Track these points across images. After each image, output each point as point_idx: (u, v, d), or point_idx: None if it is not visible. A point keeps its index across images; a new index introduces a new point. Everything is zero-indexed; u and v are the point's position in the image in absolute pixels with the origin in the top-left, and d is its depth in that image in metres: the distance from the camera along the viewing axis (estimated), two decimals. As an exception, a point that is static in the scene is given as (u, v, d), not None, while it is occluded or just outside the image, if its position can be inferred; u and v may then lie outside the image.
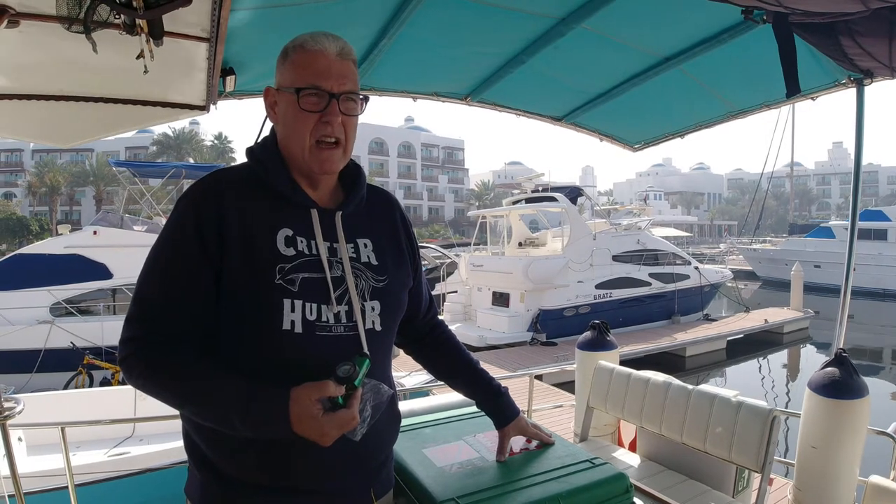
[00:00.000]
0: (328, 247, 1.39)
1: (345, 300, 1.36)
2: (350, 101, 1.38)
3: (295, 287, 1.30)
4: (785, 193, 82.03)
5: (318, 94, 1.33)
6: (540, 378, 9.42)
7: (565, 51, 3.16)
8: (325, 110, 1.34)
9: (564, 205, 17.36)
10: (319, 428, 1.17)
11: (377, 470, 1.49)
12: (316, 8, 2.65)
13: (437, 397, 2.80)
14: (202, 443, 1.36)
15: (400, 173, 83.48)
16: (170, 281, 1.31)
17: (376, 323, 1.41)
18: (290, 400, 1.18)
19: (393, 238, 1.57)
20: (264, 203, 1.37)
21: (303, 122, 1.35)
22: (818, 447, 3.32)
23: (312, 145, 1.36)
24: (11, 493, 2.65)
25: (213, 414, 1.25)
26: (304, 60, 1.35)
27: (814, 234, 34.92)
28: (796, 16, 1.96)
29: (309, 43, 1.35)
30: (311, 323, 1.31)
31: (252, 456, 1.30)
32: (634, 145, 4.73)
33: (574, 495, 1.52)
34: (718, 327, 17.29)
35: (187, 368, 1.27)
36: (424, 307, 1.77)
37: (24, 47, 2.35)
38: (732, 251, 41.77)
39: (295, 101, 1.33)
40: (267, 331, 1.29)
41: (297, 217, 1.38)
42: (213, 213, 1.31)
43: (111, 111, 3.10)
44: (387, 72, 3.46)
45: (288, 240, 1.34)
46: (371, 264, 1.45)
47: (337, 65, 1.35)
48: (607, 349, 4.78)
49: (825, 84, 3.30)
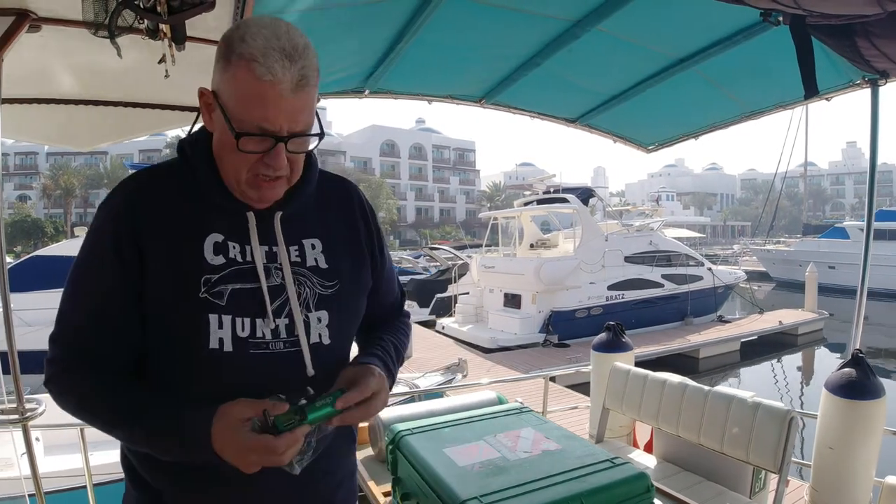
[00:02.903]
0: (266, 251, 1.21)
1: (285, 312, 1.20)
2: (300, 141, 1.13)
3: (223, 300, 1.14)
4: (799, 194, 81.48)
5: (262, 137, 1.09)
6: (553, 380, 9.42)
7: (580, 53, 3.17)
8: (270, 153, 1.10)
9: (576, 206, 17.31)
10: (239, 448, 1.02)
11: (332, 493, 1.35)
12: (336, 12, 2.67)
13: (455, 398, 2.82)
14: (137, 463, 1.23)
15: (411, 175, 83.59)
16: (89, 300, 1.17)
17: (324, 336, 1.24)
18: (215, 413, 1.05)
19: (350, 234, 1.38)
20: (192, 205, 1.19)
21: (239, 160, 1.12)
22: (835, 448, 3.31)
23: (250, 178, 1.15)
24: (32, 493, 2.69)
25: (140, 436, 1.11)
26: (249, 90, 1.06)
27: (828, 234, 34.60)
28: (813, 17, 1.96)
29: (258, 66, 1.04)
30: (243, 340, 1.15)
31: (197, 480, 1.17)
32: (648, 146, 4.73)
33: (595, 494, 1.52)
34: (732, 329, 17.15)
35: (112, 390, 1.13)
36: (390, 309, 1.55)
37: (46, 52, 2.39)
38: (746, 252, 41.47)
39: (233, 143, 1.09)
40: (194, 351, 1.13)
41: (230, 219, 1.21)
42: (133, 223, 1.15)
43: (131, 115, 3.14)
44: (403, 74, 3.48)
45: (217, 246, 1.17)
46: (319, 268, 1.27)
47: (290, 102, 1.07)
48: (623, 350, 4.78)
49: (840, 84, 3.29)
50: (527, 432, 1.91)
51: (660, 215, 22.55)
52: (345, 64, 3.27)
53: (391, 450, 1.90)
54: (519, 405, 2.23)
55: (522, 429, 1.94)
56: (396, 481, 1.89)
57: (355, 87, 3.64)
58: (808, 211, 70.15)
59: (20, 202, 60.44)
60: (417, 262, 32.39)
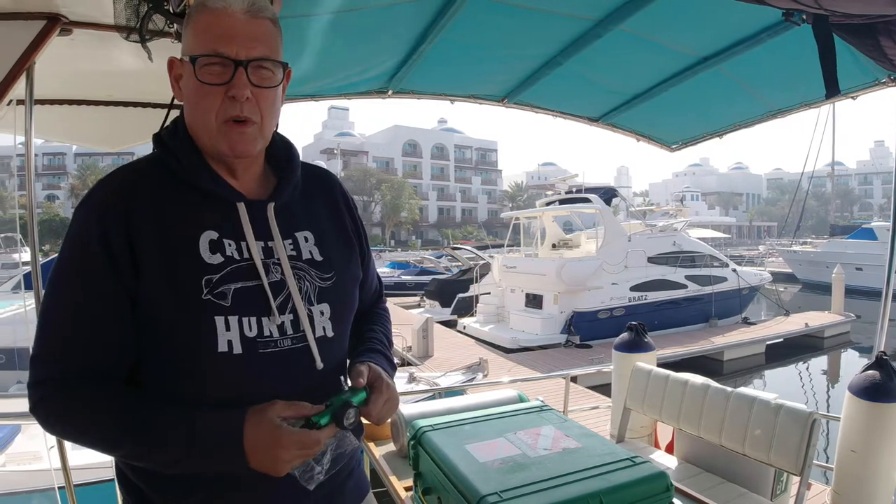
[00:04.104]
0: (262, 247, 1.18)
1: (288, 308, 1.17)
2: (262, 69, 1.13)
3: (227, 301, 1.10)
4: (826, 194, 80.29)
5: (220, 62, 1.09)
6: (574, 380, 9.40)
7: (603, 52, 3.17)
8: (230, 82, 1.09)
9: (599, 206, 17.24)
10: (280, 445, 1.01)
11: (343, 483, 1.32)
12: (360, 14, 2.70)
13: (476, 395, 2.83)
14: (132, 473, 1.16)
15: (433, 175, 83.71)
16: (76, 310, 1.08)
17: (327, 329, 1.22)
18: (246, 415, 1.04)
19: (338, 226, 1.36)
20: (181, 201, 1.15)
21: (205, 99, 1.11)
22: (858, 451, 3.28)
23: (221, 125, 1.12)
24: (62, 485, 2.75)
25: (149, 450, 1.05)
26: (204, 22, 1.10)
27: (855, 235, 33.98)
28: (836, 17, 1.95)
29: (210, 1, 1.10)
30: (251, 340, 1.11)
31: (202, 488, 1.12)
32: (672, 146, 4.70)
33: (615, 492, 1.53)
34: (757, 331, 16.97)
35: (111, 406, 1.06)
36: (373, 298, 1.56)
37: (76, 55, 2.45)
38: (772, 253, 40.94)
39: (193, 72, 1.10)
40: (201, 357, 1.09)
41: (222, 215, 1.17)
42: (120, 221, 1.09)
43: (160, 116, 3.19)
44: (426, 75, 3.50)
45: (213, 244, 1.13)
46: (315, 261, 1.25)
47: (244, 25, 1.10)
48: (644, 351, 4.77)
49: (865, 83, 3.25)
50: (547, 430, 1.92)
51: (684, 215, 22.32)
52: (369, 65, 3.30)
53: (413, 445, 1.93)
54: (540, 403, 2.25)
55: (543, 427, 1.95)
56: (418, 476, 1.92)
57: (379, 87, 3.67)
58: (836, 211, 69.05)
59: (48, 202, 61.51)
60: (439, 262, 32.46)
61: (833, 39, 2.19)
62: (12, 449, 5.79)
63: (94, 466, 4.20)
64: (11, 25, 2.02)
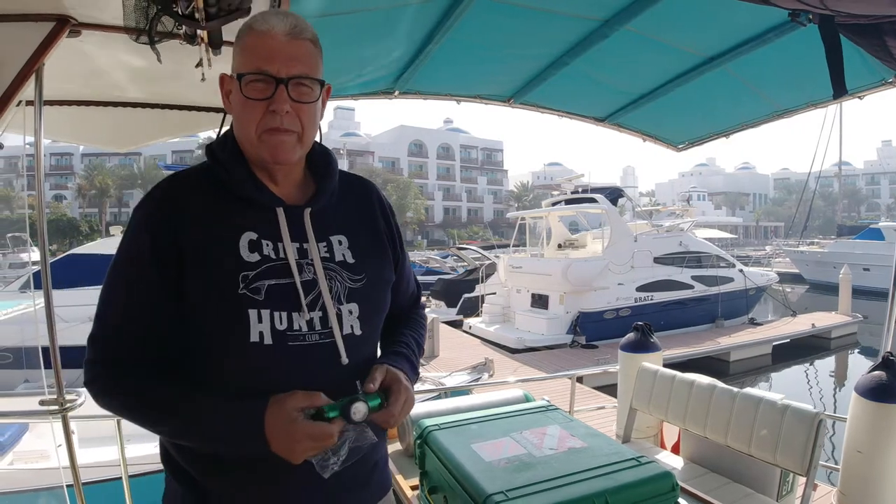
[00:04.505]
0: (297, 248, 1.28)
1: (318, 305, 1.26)
2: (302, 86, 1.24)
3: (260, 295, 1.20)
4: (833, 194, 79.91)
5: (263, 79, 1.21)
6: (581, 380, 9.38)
7: (608, 52, 3.17)
8: (272, 97, 1.21)
9: (605, 206, 17.18)
10: (294, 435, 1.09)
11: (368, 476, 1.40)
12: (367, 16, 2.71)
13: (482, 395, 2.84)
14: (179, 457, 1.28)
15: (439, 175, 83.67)
16: (128, 300, 1.22)
17: (355, 327, 1.30)
18: (268, 404, 1.12)
19: (372, 230, 1.45)
20: (225, 206, 1.27)
21: (250, 112, 1.23)
22: (864, 452, 3.27)
23: (262, 134, 1.24)
24: (70, 483, 2.76)
25: (185, 430, 1.18)
26: (250, 43, 1.23)
27: (863, 235, 33.80)
28: (842, 17, 1.95)
29: (257, 23, 1.23)
30: (281, 333, 1.21)
31: (236, 470, 1.23)
32: (678, 145, 4.69)
33: (620, 492, 1.54)
34: (764, 331, 16.86)
35: (156, 387, 1.19)
36: (409, 301, 1.62)
37: (86, 56, 2.46)
38: (779, 253, 40.77)
39: (240, 88, 1.22)
40: (234, 345, 1.19)
41: (262, 218, 1.28)
42: (169, 224, 1.22)
43: (168, 116, 3.21)
44: (432, 75, 3.52)
45: (252, 244, 1.24)
46: (347, 263, 1.33)
47: (285, 46, 1.22)
48: (651, 351, 4.76)
49: (872, 83, 3.24)
50: (553, 430, 1.93)
51: (690, 215, 22.25)
52: (375, 66, 3.31)
53: (419, 444, 1.94)
54: (545, 403, 2.25)
55: (549, 426, 1.96)
56: (424, 475, 1.93)
57: (385, 88, 3.68)
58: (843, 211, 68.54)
59: (56, 202, 61.83)
60: (445, 262, 32.45)
61: (839, 39, 2.19)
62: (20, 447, 5.81)
63: (102, 465, 4.22)
64: (21, 27, 2.04)
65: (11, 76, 2.04)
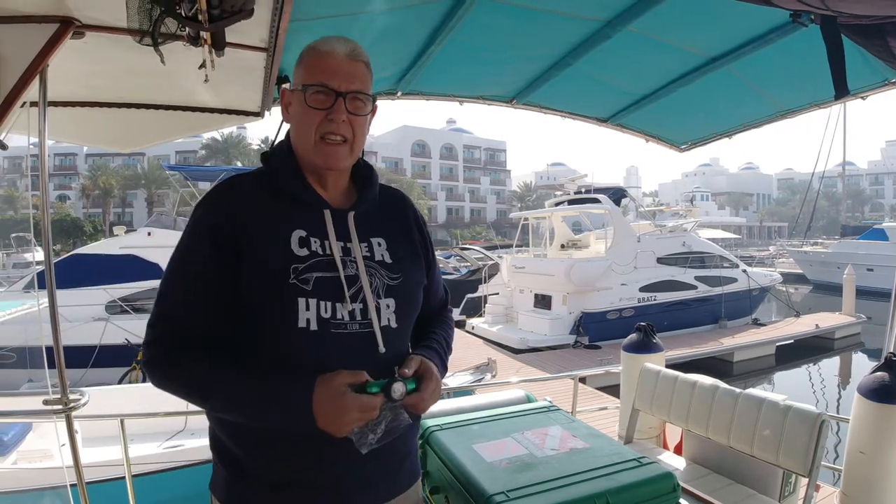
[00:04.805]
0: (342, 246, 1.42)
1: (359, 298, 1.39)
2: (357, 100, 1.42)
3: (309, 286, 1.34)
4: (837, 194, 79.70)
5: (324, 92, 1.38)
6: (584, 381, 9.37)
7: (611, 53, 3.17)
8: (332, 108, 1.38)
9: (608, 206, 17.15)
10: (342, 408, 1.21)
11: (400, 463, 1.50)
12: (370, 17, 2.72)
13: (484, 395, 2.84)
14: (227, 439, 1.40)
15: (442, 175, 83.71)
16: (189, 285, 1.36)
17: (391, 320, 1.43)
18: (316, 382, 1.24)
19: (406, 237, 1.59)
20: (278, 206, 1.42)
21: (310, 119, 1.39)
22: (866, 452, 3.26)
23: (318, 140, 1.40)
24: (73, 483, 2.77)
25: (235, 404, 1.30)
26: (314, 61, 1.41)
27: (866, 235, 33.72)
28: (844, 18, 1.95)
29: (320, 45, 1.42)
30: (325, 321, 1.34)
31: (278, 450, 1.34)
32: (681, 146, 4.69)
33: (621, 492, 1.54)
34: (767, 332, 16.82)
35: (210, 365, 1.32)
36: (439, 305, 1.77)
37: (90, 58, 2.47)
38: (782, 254, 40.67)
39: (303, 99, 1.39)
40: (283, 330, 1.32)
41: (311, 218, 1.43)
42: (228, 217, 1.37)
43: (172, 117, 3.22)
44: (435, 76, 3.52)
45: (301, 240, 1.38)
46: (385, 263, 1.47)
47: (345, 65, 1.40)
48: (653, 351, 4.76)
49: (875, 83, 3.23)
50: (555, 430, 1.93)
51: (694, 216, 22.16)
52: (378, 66, 3.28)
53: (421, 444, 1.94)
54: (547, 404, 2.26)
55: (550, 427, 1.96)
56: (426, 475, 1.93)
57: (388, 88, 3.68)
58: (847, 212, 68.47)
59: (60, 202, 61.89)
60: (448, 263, 32.36)
61: (841, 40, 2.19)
62: (24, 447, 5.83)
63: (106, 465, 4.23)
64: (25, 28, 2.05)
65: (16, 77, 2.06)
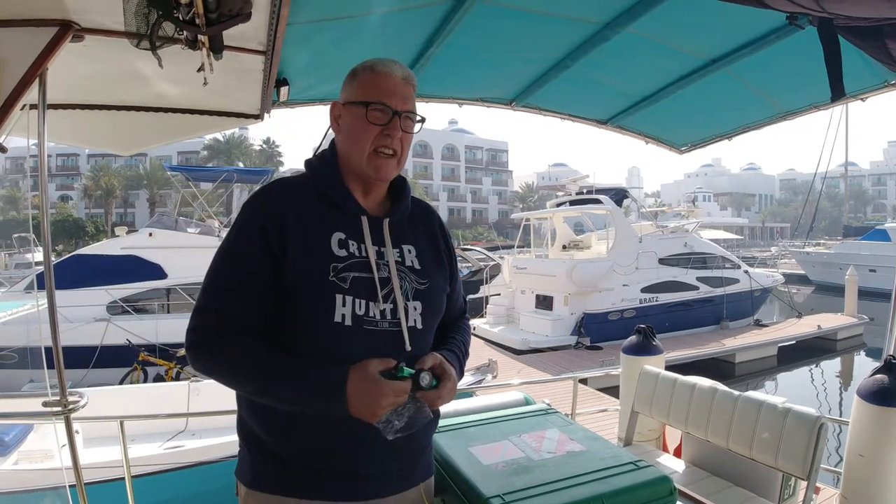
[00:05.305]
0: (376, 250, 1.52)
1: (390, 299, 1.49)
2: (409, 119, 1.55)
3: (346, 284, 1.44)
4: (839, 194, 79.58)
5: (383, 109, 1.50)
6: (584, 382, 9.36)
7: (610, 55, 3.17)
8: (388, 125, 1.50)
9: (609, 207, 17.13)
10: (375, 393, 1.30)
11: (418, 456, 1.59)
12: (368, 20, 2.72)
13: (482, 398, 2.84)
14: (256, 425, 1.48)
15: (444, 175, 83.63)
16: (235, 274, 1.45)
17: (418, 322, 1.53)
18: (350, 368, 1.33)
19: (433, 246, 1.70)
20: (321, 209, 1.52)
21: (367, 133, 1.50)
22: (866, 455, 3.25)
23: (371, 153, 1.52)
24: (73, 483, 2.78)
25: (274, 389, 1.38)
26: (373, 80, 1.52)
27: (869, 236, 33.64)
28: (841, 20, 1.95)
29: (378, 66, 1.54)
30: (359, 317, 1.43)
31: (305, 435, 1.43)
32: (681, 148, 4.69)
33: (617, 496, 1.55)
34: (769, 333, 16.79)
35: (249, 351, 1.40)
36: (458, 312, 1.85)
37: (89, 61, 2.48)
38: (784, 254, 40.59)
39: (363, 114, 1.50)
40: (321, 323, 1.41)
41: (349, 222, 1.53)
42: (276, 214, 1.46)
43: (171, 120, 3.23)
44: (434, 79, 3.52)
45: (340, 242, 1.49)
46: (414, 268, 1.58)
47: (401, 87, 1.53)
48: (653, 354, 4.75)
49: (874, 85, 3.23)
50: (552, 433, 1.93)
51: (696, 216, 22.09)
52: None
53: (419, 447, 1.94)
54: (545, 406, 2.26)
55: (547, 430, 1.97)
56: (423, 478, 1.93)
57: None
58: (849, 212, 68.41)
59: (62, 202, 62.00)
60: (449, 263, 32.34)
61: (838, 42, 2.19)
62: (24, 447, 5.83)
63: (105, 465, 4.24)
64: (25, 32, 2.06)
65: (15, 80, 2.07)
